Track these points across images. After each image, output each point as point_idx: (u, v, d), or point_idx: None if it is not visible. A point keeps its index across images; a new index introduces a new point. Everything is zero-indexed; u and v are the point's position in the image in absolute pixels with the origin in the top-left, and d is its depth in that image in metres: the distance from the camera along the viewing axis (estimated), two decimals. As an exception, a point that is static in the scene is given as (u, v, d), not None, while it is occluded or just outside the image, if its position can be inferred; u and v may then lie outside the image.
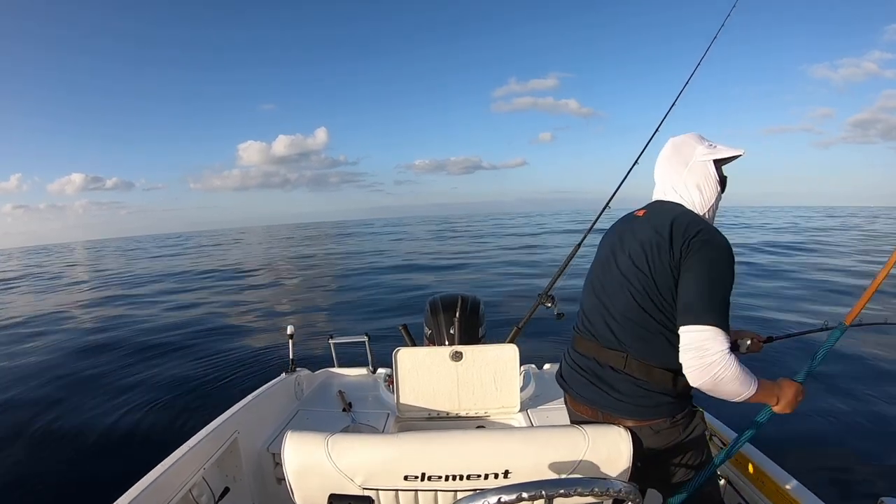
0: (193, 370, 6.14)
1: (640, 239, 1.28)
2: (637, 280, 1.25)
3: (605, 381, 1.31)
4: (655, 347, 1.25)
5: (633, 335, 1.27)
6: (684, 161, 1.32)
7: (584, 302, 1.45)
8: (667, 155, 1.37)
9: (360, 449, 1.14)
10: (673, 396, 1.27)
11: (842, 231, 24.45)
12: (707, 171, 1.30)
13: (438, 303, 2.42)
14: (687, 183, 1.31)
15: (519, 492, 0.86)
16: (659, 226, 1.25)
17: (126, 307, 11.61)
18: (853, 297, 1.29)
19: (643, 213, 1.37)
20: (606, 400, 1.30)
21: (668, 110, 2.46)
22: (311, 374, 2.75)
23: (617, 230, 1.42)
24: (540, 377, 2.63)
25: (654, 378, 1.25)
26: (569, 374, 1.44)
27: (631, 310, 1.26)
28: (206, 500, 1.73)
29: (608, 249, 1.40)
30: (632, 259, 1.28)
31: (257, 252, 28.22)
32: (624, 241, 1.34)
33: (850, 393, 4.32)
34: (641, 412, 1.27)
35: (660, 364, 1.25)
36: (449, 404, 2.12)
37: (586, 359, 1.37)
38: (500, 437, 1.20)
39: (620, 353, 1.28)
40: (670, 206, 1.33)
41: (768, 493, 1.53)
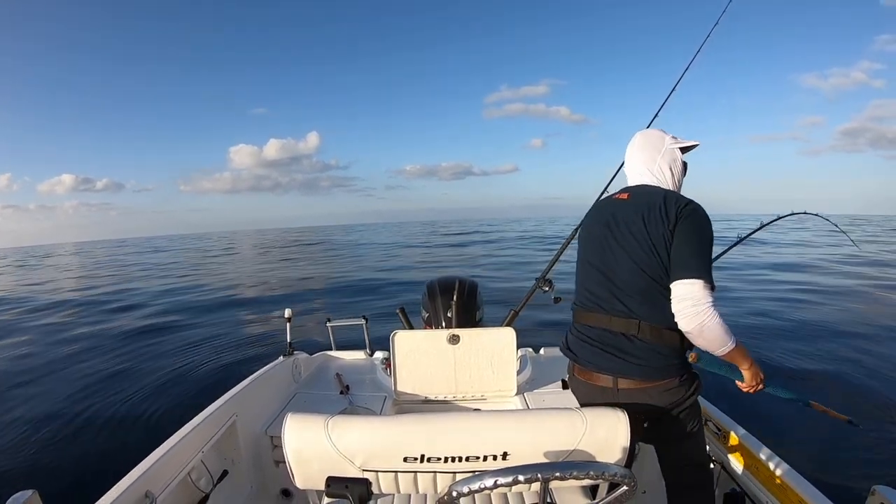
0: (191, 354, 6.17)
1: (638, 214, 1.41)
2: (641, 250, 1.38)
3: (617, 348, 1.42)
4: (662, 309, 1.36)
5: (642, 302, 1.39)
6: (657, 148, 1.52)
7: (584, 279, 1.55)
8: (639, 144, 1.56)
9: (359, 431, 1.14)
10: (678, 358, 1.42)
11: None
12: (676, 155, 1.52)
13: (436, 286, 2.41)
14: (661, 166, 1.51)
15: (515, 475, 0.86)
16: (651, 203, 1.41)
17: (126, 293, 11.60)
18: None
19: (627, 196, 1.50)
20: (619, 364, 1.42)
21: (657, 109, 2.46)
22: (309, 357, 2.76)
23: (605, 212, 1.53)
24: (537, 361, 2.65)
25: (664, 340, 1.39)
26: (577, 345, 1.54)
27: (639, 279, 1.39)
28: (204, 483, 1.74)
29: (602, 228, 1.50)
30: (632, 234, 1.41)
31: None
32: (618, 219, 1.46)
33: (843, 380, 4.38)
34: (652, 373, 1.40)
35: (668, 325, 1.37)
36: (446, 387, 2.13)
37: (596, 329, 1.48)
38: (499, 419, 1.21)
39: (633, 320, 1.40)
40: (652, 188, 1.49)
41: (762, 479, 1.55)
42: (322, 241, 41.43)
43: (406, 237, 39.99)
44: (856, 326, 6.36)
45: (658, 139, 1.53)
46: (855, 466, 2.80)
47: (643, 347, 1.40)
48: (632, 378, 1.42)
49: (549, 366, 2.56)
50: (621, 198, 1.51)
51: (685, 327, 1.30)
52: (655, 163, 1.51)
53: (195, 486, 1.69)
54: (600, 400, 1.46)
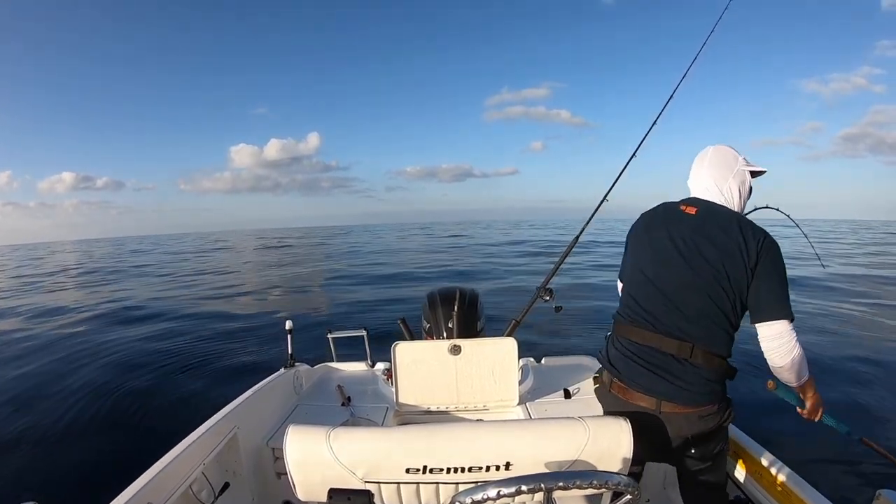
0: (192, 366, 6.15)
1: (711, 240, 1.40)
2: (714, 279, 1.38)
3: (665, 370, 1.42)
4: (720, 339, 1.40)
5: (703, 328, 1.40)
6: (730, 167, 1.49)
7: (638, 292, 1.52)
8: (712, 160, 1.52)
9: (362, 442, 1.14)
10: (722, 384, 1.44)
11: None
12: (746, 178, 1.50)
13: (437, 296, 2.41)
14: (731, 186, 1.47)
15: (518, 485, 0.86)
16: (726, 228, 1.39)
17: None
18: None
19: (694, 210, 1.47)
20: (666, 387, 1.42)
21: (661, 110, 2.48)
22: (310, 369, 2.75)
23: (669, 222, 1.49)
24: (538, 370, 2.64)
25: (713, 366, 1.40)
26: (621, 361, 1.51)
27: (704, 304, 1.39)
28: (206, 496, 1.73)
29: (665, 241, 1.47)
30: (704, 258, 1.39)
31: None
32: (686, 237, 1.43)
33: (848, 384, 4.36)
34: (697, 398, 1.41)
35: (720, 353, 1.40)
36: (448, 398, 2.12)
37: (643, 347, 1.46)
38: (501, 429, 1.20)
39: (686, 343, 1.39)
40: (719, 207, 1.46)
41: (766, 486, 1.54)
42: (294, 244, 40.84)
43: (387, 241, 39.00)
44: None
45: (732, 158, 1.50)
46: (859, 471, 2.77)
47: (692, 372, 1.40)
48: (676, 402, 1.41)
49: (551, 375, 2.56)
50: (688, 211, 1.47)
51: (778, 363, 1.37)
52: (727, 181, 1.47)
53: (196, 498, 1.68)
54: (640, 421, 1.34)
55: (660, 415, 1.42)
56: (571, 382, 2.41)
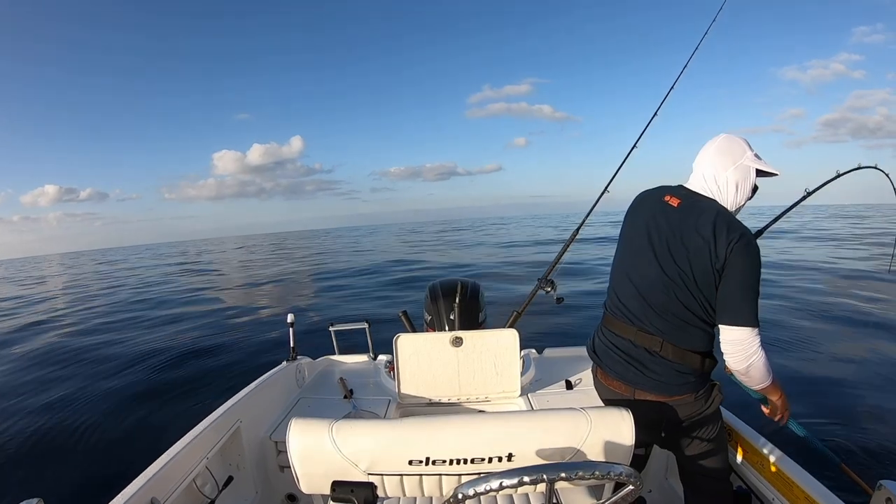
0: (194, 360, 6.17)
1: (682, 239, 1.36)
2: (680, 279, 1.36)
3: (638, 361, 1.46)
4: (691, 335, 1.40)
5: (671, 325, 1.41)
6: (733, 159, 1.39)
7: (619, 286, 1.54)
8: (719, 148, 1.42)
9: (364, 435, 1.15)
10: (697, 376, 1.44)
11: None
12: (749, 174, 1.40)
13: (438, 288, 2.41)
14: (728, 179, 1.39)
15: (520, 476, 0.86)
16: (700, 226, 1.34)
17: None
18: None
19: (677, 202, 1.42)
20: (639, 377, 1.46)
21: (658, 105, 2.47)
22: (312, 362, 2.76)
23: (651, 216, 1.47)
24: (540, 362, 2.64)
25: (686, 360, 1.41)
26: (602, 351, 1.58)
27: (672, 304, 1.39)
28: (209, 490, 1.74)
29: (644, 237, 1.46)
30: (674, 258, 1.38)
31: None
32: (661, 234, 1.41)
33: (847, 377, 4.37)
34: (670, 389, 1.44)
35: (692, 348, 1.41)
36: (449, 390, 2.12)
37: (622, 339, 1.51)
38: (503, 420, 1.20)
39: (657, 338, 1.42)
40: (707, 203, 1.40)
41: (768, 477, 1.55)
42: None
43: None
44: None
45: (739, 150, 1.40)
46: (861, 461, 2.79)
47: (664, 364, 1.43)
48: (648, 391, 1.46)
49: (553, 366, 2.56)
50: (671, 203, 1.43)
51: (733, 367, 1.36)
52: (725, 172, 1.39)
53: (200, 492, 1.69)
54: (621, 405, 1.45)
55: (634, 402, 1.47)
56: (573, 373, 2.42)
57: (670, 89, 2.49)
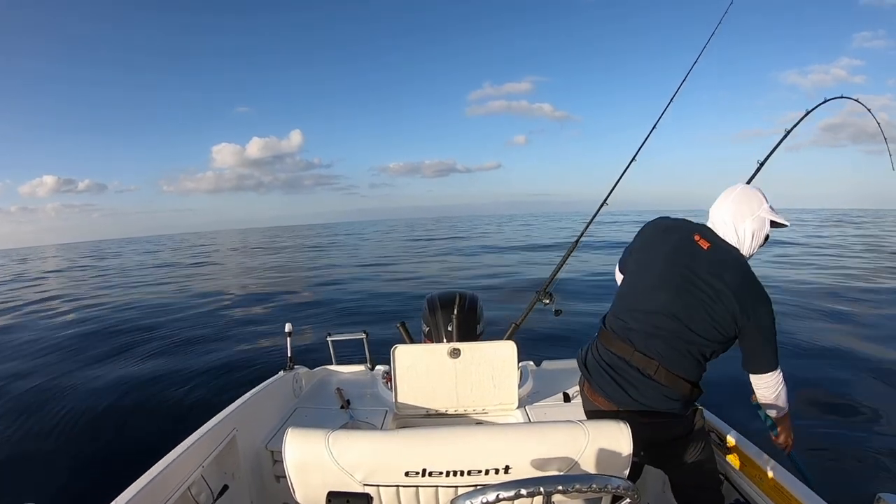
0: (191, 368, 6.13)
1: (710, 284, 1.43)
2: (695, 317, 1.44)
3: (628, 381, 1.51)
4: (687, 364, 1.47)
5: (672, 352, 1.47)
6: (751, 210, 1.49)
7: (626, 306, 1.58)
8: (738, 198, 1.53)
9: (361, 445, 1.14)
10: (683, 401, 1.50)
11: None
12: (764, 225, 1.50)
13: (436, 300, 2.42)
14: (747, 228, 1.49)
15: (517, 488, 0.86)
16: (731, 281, 1.42)
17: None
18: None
19: (707, 245, 1.49)
20: (624, 398, 1.50)
21: (664, 108, 2.50)
22: (310, 372, 2.75)
23: (677, 250, 1.52)
24: (538, 374, 2.64)
25: (676, 386, 1.47)
26: (593, 366, 1.62)
27: (679, 335, 1.46)
28: (204, 499, 1.73)
29: (667, 269, 1.50)
30: (695, 298, 1.44)
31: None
32: (688, 272, 1.47)
33: (846, 387, 4.35)
34: (651, 412, 1.48)
35: (684, 376, 1.47)
36: (447, 401, 2.12)
37: (616, 357, 1.54)
38: (500, 432, 1.20)
39: (654, 361, 1.47)
40: (734, 253, 1.49)
41: (766, 490, 1.54)
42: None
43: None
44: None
45: (757, 202, 1.50)
46: (859, 475, 2.77)
47: (653, 387, 1.48)
48: (631, 411, 1.49)
49: (551, 379, 2.55)
50: (701, 244, 1.50)
51: (764, 401, 1.56)
52: (744, 222, 1.48)
53: (195, 501, 1.68)
54: (595, 418, 1.51)
55: (617, 413, 1.50)
56: (571, 386, 2.41)
57: (670, 101, 2.52)
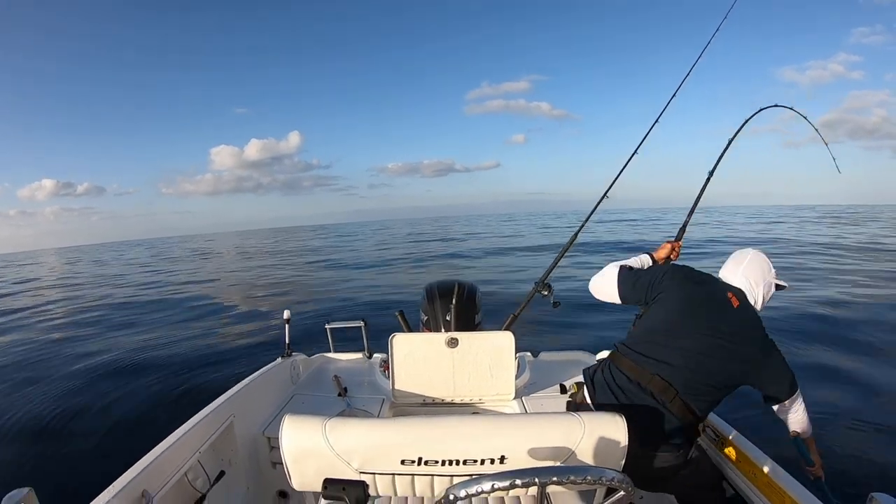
0: (189, 354, 6.15)
1: (736, 340, 1.55)
2: (722, 363, 1.54)
3: (634, 404, 1.53)
4: (701, 401, 1.55)
5: (690, 388, 1.53)
6: (763, 274, 1.69)
7: (648, 337, 1.64)
8: (752, 263, 1.71)
9: (357, 433, 1.14)
10: (683, 438, 1.55)
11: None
12: (772, 289, 1.70)
13: (435, 289, 2.41)
14: (760, 291, 1.67)
15: (512, 478, 0.86)
16: (752, 337, 1.58)
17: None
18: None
19: (737, 304, 1.63)
20: (625, 420, 1.46)
21: (664, 107, 2.48)
22: (307, 359, 2.75)
23: (708, 301, 1.64)
24: (535, 365, 2.64)
25: (685, 420, 1.52)
26: (601, 383, 1.65)
27: (703, 375, 1.54)
28: (201, 484, 1.74)
29: (696, 312, 1.61)
30: (721, 345, 1.54)
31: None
32: (719, 326, 1.57)
33: (842, 387, 4.37)
34: (655, 445, 1.52)
35: (696, 410, 1.53)
36: (444, 390, 2.12)
37: (628, 381, 1.59)
38: (497, 422, 1.20)
39: (672, 388, 1.52)
40: (752, 311, 1.64)
41: (761, 487, 1.55)
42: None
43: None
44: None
45: (767, 268, 1.70)
46: (853, 474, 2.78)
47: (660, 415, 1.51)
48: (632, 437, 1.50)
49: (548, 370, 2.56)
50: (733, 302, 1.63)
51: (799, 423, 1.65)
52: (759, 287, 1.67)
53: (192, 486, 1.69)
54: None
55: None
56: (567, 377, 2.42)
57: (672, 96, 2.50)
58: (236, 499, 1.94)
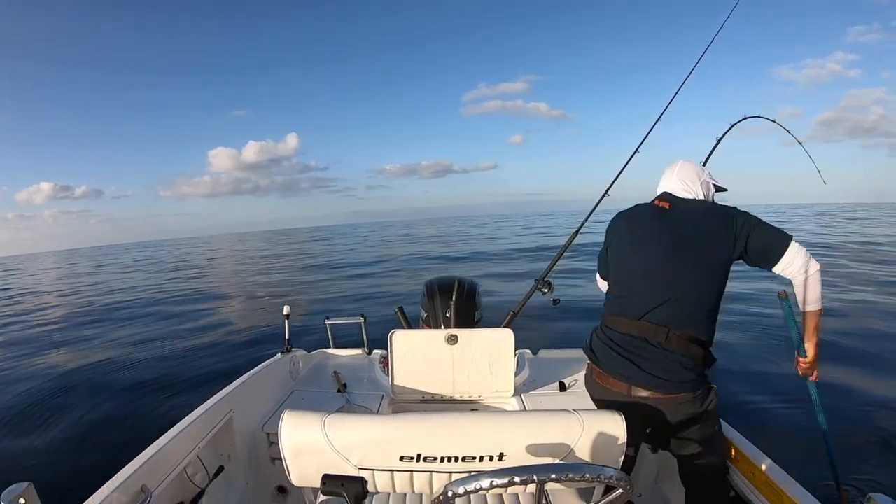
0: (188, 349, 6.16)
1: (692, 229, 1.51)
2: (697, 264, 1.48)
3: (639, 355, 1.50)
4: (697, 322, 1.48)
5: (680, 314, 1.48)
6: (697, 175, 1.65)
7: (620, 288, 1.63)
8: (682, 169, 1.68)
9: (356, 429, 1.15)
10: (697, 374, 1.49)
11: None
12: (710, 189, 1.67)
13: (435, 286, 2.41)
14: (698, 189, 1.63)
15: (511, 476, 0.86)
16: (700, 215, 1.53)
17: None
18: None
19: (668, 205, 1.59)
20: (637, 373, 1.49)
21: (667, 104, 2.47)
22: (307, 355, 2.76)
23: (647, 219, 1.61)
24: (535, 362, 2.64)
25: (690, 352, 1.46)
26: (600, 348, 1.62)
27: (683, 291, 1.48)
28: (200, 479, 1.74)
29: (646, 238, 1.57)
30: (684, 249, 1.49)
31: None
32: (665, 232, 1.54)
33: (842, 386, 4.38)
34: (667, 386, 1.47)
35: (696, 336, 1.47)
36: (443, 387, 2.12)
37: (622, 335, 1.56)
38: (496, 420, 1.21)
39: (662, 328, 1.48)
40: (692, 200, 1.60)
41: (758, 486, 1.55)
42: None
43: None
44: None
45: (700, 170, 1.68)
46: (851, 474, 2.79)
47: (666, 356, 1.47)
48: (644, 388, 1.49)
49: (547, 368, 2.56)
50: (663, 205, 1.60)
51: (806, 272, 1.45)
52: (695, 185, 1.63)
53: (191, 481, 1.69)
54: (615, 407, 1.48)
55: (630, 399, 1.51)
56: (567, 375, 2.42)
57: (675, 94, 2.49)
58: (235, 494, 1.94)
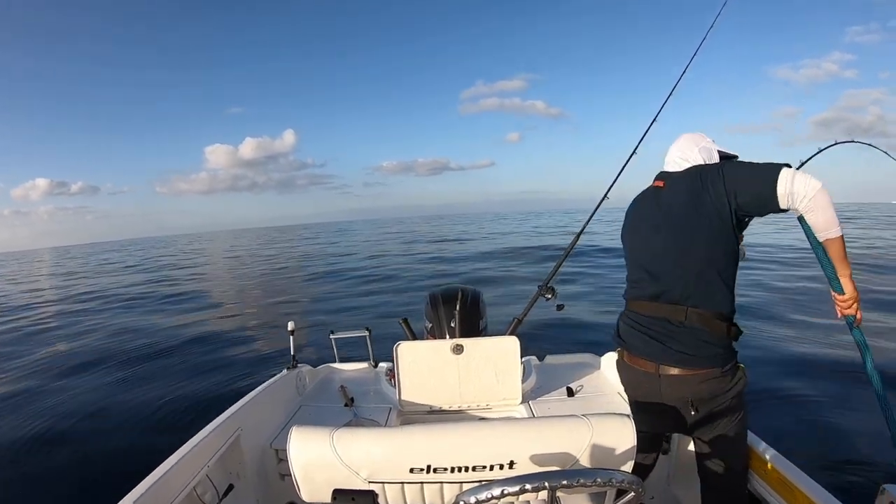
0: (194, 368, 6.16)
1: (681, 200, 1.50)
2: (694, 237, 1.46)
3: (664, 334, 1.51)
4: (713, 295, 1.46)
5: (695, 288, 1.47)
6: (695, 143, 1.62)
7: (635, 270, 1.66)
8: (682, 140, 1.66)
9: (365, 443, 1.14)
10: (723, 347, 1.48)
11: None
12: (713, 155, 1.62)
13: (438, 296, 2.41)
14: (695, 156, 1.60)
15: (522, 483, 0.86)
16: (687, 183, 1.50)
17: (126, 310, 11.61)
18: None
19: (661, 184, 1.60)
20: (665, 351, 1.51)
21: (663, 102, 2.48)
22: (313, 370, 2.75)
23: (647, 203, 1.64)
24: (541, 369, 2.64)
25: (711, 327, 1.45)
26: (626, 332, 1.65)
27: (690, 266, 1.47)
28: (210, 498, 1.74)
29: (647, 220, 1.61)
30: (682, 221, 1.48)
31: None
32: (662, 209, 1.55)
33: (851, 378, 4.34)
34: (693, 361, 1.47)
35: (717, 311, 1.46)
36: (450, 398, 2.12)
37: (644, 317, 1.58)
38: (504, 428, 1.20)
39: (681, 307, 1.48)
40: (682, 171, 1.58)
41: (770, 481, 1.54)
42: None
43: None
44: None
45: (699, 137, 1.64)
46: (863, 464, 2.75)
47: (689, 334, 1.47)
48: (672, 365, 1.50)
49: (554, 373, 2.55)
50: (658, 185, 1.62)
51: (810, 194, 1.29)
52: (692, 153, 1.60)
53: (201, 500, 1.69)
54: (645, 385, 1.58)
55: (659, 378, 1.52)
56: (574, 380, 2.41)
57: (669, 94, 2.50)
58: None
